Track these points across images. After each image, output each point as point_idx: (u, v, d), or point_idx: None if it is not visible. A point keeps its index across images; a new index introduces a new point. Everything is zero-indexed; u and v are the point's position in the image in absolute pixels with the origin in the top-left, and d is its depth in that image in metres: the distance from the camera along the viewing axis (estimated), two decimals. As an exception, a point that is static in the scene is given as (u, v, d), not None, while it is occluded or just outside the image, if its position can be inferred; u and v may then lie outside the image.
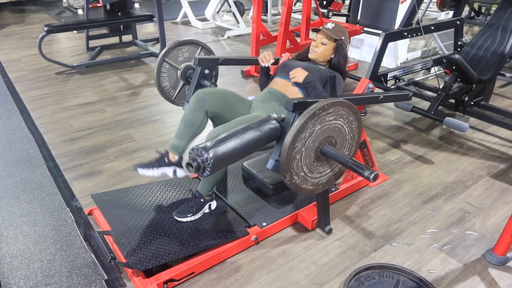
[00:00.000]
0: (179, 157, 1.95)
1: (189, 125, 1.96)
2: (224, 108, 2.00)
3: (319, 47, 2.16)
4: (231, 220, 2.00)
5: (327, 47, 2.15)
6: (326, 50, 2.16)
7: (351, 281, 1.68)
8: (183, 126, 1.97)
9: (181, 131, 1.97)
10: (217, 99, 1.99)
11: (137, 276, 1.68)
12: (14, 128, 3.06)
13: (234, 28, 5.96)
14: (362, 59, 4.74)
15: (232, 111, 2.02)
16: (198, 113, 1.96)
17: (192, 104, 1.98)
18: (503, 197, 2.30)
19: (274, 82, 2.15)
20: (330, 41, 2.14)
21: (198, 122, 1.96)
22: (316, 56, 2.17)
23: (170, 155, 1.93)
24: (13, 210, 2.16)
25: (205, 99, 1.96)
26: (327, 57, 2.18)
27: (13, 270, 1.77)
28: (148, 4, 7.93)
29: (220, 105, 1.99)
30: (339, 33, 2.15)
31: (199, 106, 1.96)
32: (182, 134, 1.96)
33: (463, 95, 2.87)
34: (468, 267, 1.82)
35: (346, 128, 1.67)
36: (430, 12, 6.50)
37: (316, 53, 2.17)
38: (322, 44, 2.15)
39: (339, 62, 2.16)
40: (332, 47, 2.16)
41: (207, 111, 1.97)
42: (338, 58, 2.16)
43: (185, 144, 1.96)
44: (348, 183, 2.31)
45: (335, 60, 2.17)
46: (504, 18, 2.91)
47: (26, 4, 7.87)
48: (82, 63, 4.40)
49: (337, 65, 2.16)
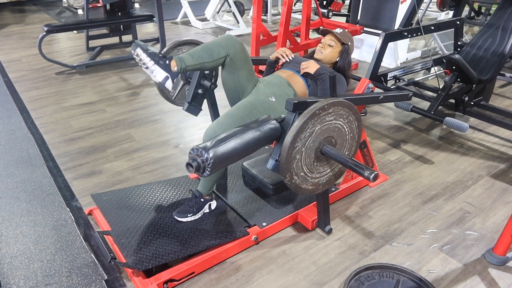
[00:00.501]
0: (178, 70, 1.82)
1: (206, 52, 1.86)
2: (242, 67, 1.94)
3: (326, 49, 2.20)
4: (231, 220, 2.00)
5: (334, 49, 2.20)
6: (332, 52, 2.20)
7: (351, 281, 1.68)
8: (200, 50, 1.87)
9: (196, 52, 1.86)
10: (243, 54, 1.92)
11: (137, 276, 1.68)
12: (14, 128, 3.06)
13: (234, 28, 5.96)
14: (362, 59, 4.74)
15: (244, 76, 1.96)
16: (221, 49, 1.87)
17: (221, 39, 1.90)
18: (503, 197, 2.30)
19: (281, 71, 2.16)
20: (338, 43, 2.20)
21: (216, 56, 1.87)
22: (322, 57, 2.21)
23: (172, 63, 1.81)
24: (13, 210, 2.16)
25: (235, 45, 1.89)
26: (333, 59, 2.22)
27: (13, 270, 1.77)
28: (148, 4, 7.93)
29: (242, 60, 1.93)
30: (346, 39, 2.21)
31: (226, 45, 1.88)
32: (194, 55, 1.85)
33: (463, 95, 2.86)
34: (468, 267, 1.82)
35: (346, 128, 1.67)
36: (430, 12, 6.50)
37: (322, 54, 2.21)
38: (329, 46, 2.20)
39: (344, 67, 2.21)
40: (339, 50, 2.21)
41: (228, 56, 1.89)
42: (343, 62, 2.21)
43: (191, 63, 1.83)
44: (348, 183, 2.31)
45: (340, 64, 2.21)
46: (504, 18, 2.91)
47: (26, 4, 7.87)
48: (82, 63, 4.40)
49: (341, 69, 2.21)
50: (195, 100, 2.16)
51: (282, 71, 2.16)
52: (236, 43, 1.90)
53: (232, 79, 1.96)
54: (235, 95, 1.99)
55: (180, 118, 3.25)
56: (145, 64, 1.78)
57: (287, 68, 2.17)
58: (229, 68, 1.94)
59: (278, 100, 1.95)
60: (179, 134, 3.01)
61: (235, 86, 1.97)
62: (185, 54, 1.85)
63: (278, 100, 1.95)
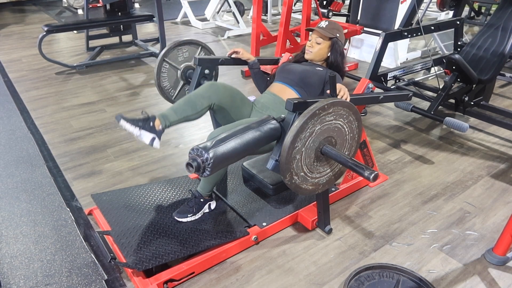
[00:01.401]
0: (163, 127, 1.86)
1: (189, 106, 1.91)
2: (230, 107, 2.00)
3: (314, 47, 2.15)
4: (231, 220, 2.00)
5: (322, 46, 2.14)
6: (321, 49, 2.14)
7: (351, 281, 1.68)
8: (183, 104, 1.91)
9: (179, 107, 1.91)
10: (228, 96, 1.98)
11: (137, 276, 1.68)
12: (14, 128, 3.06)
13: (234, 28, 5.96)
14: (362, 59, 4.74)
15: (236, 112, 2.03)
16: (204, 100, 1.92)
17: (202, 90, 1.94)
18: (503, 197, 2.30)
19: (273, 86, 2.15)
20: (325, 40, 2.13)
21: (199, 108, 1.91)
22: (312, 57, 2.16)
23: (156, 122, 1.84)
24: (13, 210, 2.16)
25: (218, 92, 1.94)
26: (323, 56, 2.17)
27: (13, 270, 1.77)
28: (148, 4, 7.93)
29: (228, 102, 1.99)
30: (333, 31, 2.13)
31: (208, 96, 1.93)
32: (177, 110, 1.90)
33: (463, 95, 2.87)
34: (468, 267, 1.82)
35: (346, 128, 1.67)
36: (430, 12, 6.50)
37: (311, 54, 2.16)
38: (317, 44, 2.14)
39: (336, 60, 2.15)
40: (328, 46, 2.14)
41: (213, 104, 1.95)
42: (334, 56, 2.15)
43: (175, 119, 1.88)
44: (348, 183, 2.31)
45: (332, 59, 2.15)
46: (504, 18, 2.91)
47: (26, 4, 7.88)
48: (82, 63, 4.40)
49: (334, 63, 2.15)
50: (195, 100, 2.16)
51: (275, 85, 2.14)
52: (219, 89, 1.95)
53: (225, 117, 2.03)
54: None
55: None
56: (131, 133, 1.82)
57: (278, 82, 2.15)
58: (219, 112, 2.02)
59: None
60: (179, 134, 3.01)
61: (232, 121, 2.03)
62: (169, 110, 1.90)
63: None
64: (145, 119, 1.83)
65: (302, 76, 2.08)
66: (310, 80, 2.06)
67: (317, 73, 2.07)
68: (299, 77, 2.08)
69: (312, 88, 2.06)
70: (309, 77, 2.07)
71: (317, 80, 2.05)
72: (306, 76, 2.08)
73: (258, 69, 2.31)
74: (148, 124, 1.83)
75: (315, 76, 2.06)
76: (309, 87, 2.06)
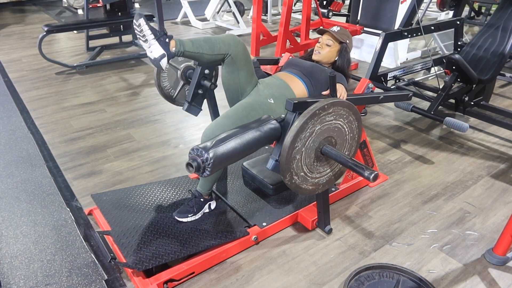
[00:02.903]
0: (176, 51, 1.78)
1: (208, 44, 1.83)
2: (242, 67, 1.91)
3: (324, 49, 2.17)
4: (231, 220, 2.00)
5: (331, 48, 2.16)
6: (330, 51, 2.17)
7: (351, 281, 1.68)
8: (203, 40, 1.83)
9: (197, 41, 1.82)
10: (245, 55, 1.90)
11: (137, 276, 1.68)
12: (14, 128, 3.06)
13: (234, 28, 5.96)
14: (362, 59, 4.74)
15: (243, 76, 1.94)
16: (223, 45, 1.84)
17: (225, 36, 1.87)
18: (503, 197, 2.30)
19: (280, 74, 2.14)
20: (336, 42, 2.16)
21: (216, 51, 1.84)
22: (320, 58, 2.18)
23: (172, 42, 1.76)
24: (13, 210, 2.16)
25: (237, 45, 1.86)
26: (331, 59, 2.19)
27: (13, 270, 1.77)
28: (148, 4, 7.93)
29: (242, 61, 1.90)
30: (344, 37, 2.18)
31: (229, 43, 1.85)
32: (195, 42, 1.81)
33: (463, 95, 2.87)
34: (468, 267, 1.82)
35: (346, 128, 1.67)
36: (430, 12, 6.49)
37: (320, 55, 2.17)
38: (327, 46, 2.17)
39: (343, 65, 2.18)
40: (337, 49, 2.18)
41: (228, 54, 1.86)
42: (342, 61, 2.18)
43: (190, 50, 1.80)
44: (348, 183, 2.31)
45: (338, 63, 2.18)
46: (504, 18, 2.91)
47: (26, 4, 7.87)
48: (82, 63, 4.40)
49: (340, 67, 2.18)
50: (195, 100, 2.16)
51: (282, 73, 2.14)
52: (239, 43, 1.88)
53: (232, 79, 1.94)
54: (235, 95, 1.98)
55: (180, 118, 3.25)
56: (144, 37, 1.73)
57: (287, 71, 2.14)
58: (229, 68, 1.91)
59: (276, 102, 1.94)
60: (179, 134, 3.01)
61: (235, 87, 1.95)
62: (186, 39, 1.81)
63: (277, 102, 1.94)
64: (162, 33, 1.75)
65: (310, 70, 2.09)
66: (318, 76, 2.07)
67: (325, 71, 2.08)
68: (307, 70, 2.10)
69: (319, 84, 2.06)
70: (317, 73, 2.08)
71: (324, 78, 2.06)
72: (314, 71, 2.09)
73: (258, 68, 2.31)
74: (164, 39, 1.75)
75: (323, 74, 2.07)
76: (316, 81, 2.07)
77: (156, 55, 1.74)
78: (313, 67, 2.11)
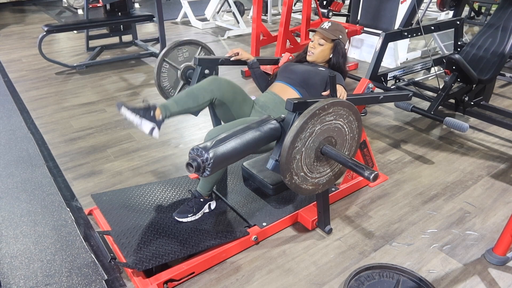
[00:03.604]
0: (163, 117, 1.85)
1: (191, 98, 1.90)
2: (232, 103, 1.99)
3: (317, 48, 2.14)
4: (231, 220, 2.00)
5: (324, 47, 2.14)
6: (323, 51, 2.14)
7: (351, 281, 1.68)
8: (185, 96, 1.91)
9: (180, 99, 1.90)
10: (230, 92, 1.97)
11: (137, 276, 1.68)
12: (14, 128, 3.06)
13: (234, 28, 5.96)
14: (362, 59, 4.74)
15: (237, 109, 2.01)
16: (206, 93, 1.91)
17: (205, 83, 1.93)
18: (503, 197, 2.30)
19: (274, 86, 2.15)
20: (327, 41, 2.13)
21: (201, 101, 1.91)
22: (314, 58, 2.16)
23: (157, 112, 1.83)
24: (13, 210, 2.16)
25: (220, 87, 1.93)
26: (326, 58, 2.17)
27: (13, 270, 1.77)
28: (148, 4, 7.93)
29: (230, 98, 1.97)
30: (336, 32, 2.12)
31: (211, 89, 1.92)
32: (179, 101, 1.89)
33: (463, 95, 2.87)
34: (468, 267, 1.82)
35: (346, 128, 1.67)
36: (430, 12, 6.49)
37: (314, 55, 2.15)
38: (319, 45, 2.14)
39: (338, 62, 2.15)
40: (330, 47, 2.14)
41: (215, 99, 1.94)
42: (337, 57, 2.15)
43: (176, 110, 1.88)
44: (348, 183, 2.31)
45: (334, 60, 2.15)
46: (504, 18, 2.91)
47: (26, 4, 7.88)
48: (82, 63, 4.40)
49: (336, 64, 2.15)
50: (195, 100, 2.16)
51: (277, 85, 2.13)
52: (221, 84, 1.94)
53: (226, 114, 2.02)
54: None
55: (180, 118, 3.25)
56: (131, 122, 1.81)
57: (281, 81, 2.14)
58: (220, 107, 2.01)
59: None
60: (179, 134, 3.01)
61: (232, 118, 2.03)
62: (170, 101, 1.89)
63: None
64: (146, 108, 1.82)
65: (304, 77, 2.08)
66: (312, 81, 2.06)
67: (320, 73, 2.07)
68: (301, 78, 2.08)
69: (314, 89, 2.06)
70: (312, 77, 2.07)
71: (320, 80, 2.05)
72: (308, 76, 2.07)
73: (258, 68, 2.31)
74: (148, 113, 1.82)
75: (317, 76, 2.06)
76: (311, 87, 2.06)
77: (147, 131, 1.83)
78: (306, 72, 2.09)
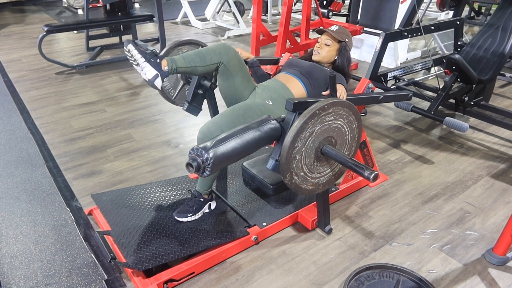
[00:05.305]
0: (168, 70, 1.80)
1: (199, 57, 1.87)
2: (237, 73, 1.94)
3: (323, 48, 2.18)
4: (231, 220, 2.00)
5: (331, 48, 2.17)
6: (329, 51, 2.18)
7: (351, 281, 1.68)
8: (193, 54, 1.87)
9: (188, 56, 1.87)
10: (237, 61, 1.93)
11: (137, 276, 1.68)
12: (14, 128, 3.06)
13: (234, 28, 5.96)
14: (362, 59, 4.74)
15: (239, 81, 1.96)
16: (214, 55, 1.88)
17: (215, 46, 1.91)
18: (503, 197, 2.30)
19: (278, 75, 2.15)
20: (334, 41, 2.17)
21: (208, 61, 1.87)
22: (319, 58, 2.19)
23: (163, 62, 1.79)
24: (13, 210, 2.16)
25: (229, 52, 1.90)
26: (331, 59, 2.20)
27: (13, 270, 1.77)
28: (148, 4, 7.93)
29: (236, 67, 1.93)
30: (343, 35, 2.18)
31: (219, 52, 1.89)
32: (186, 58, 1.85)
33: (463, 95, 2.87)
34: (468, 267, 1.82)
35: (346, 128, 1.67)
36: (430, 12, 6.49)
37: (319, 55, 2.18)
38: (326, 45, 2.17)
39: (343, 64, 2.19)
40: (336, 49, 2.18)
41: (221, 63, 1.89)
42: (341, 60, 2.18)
43: (183, 66, 1.83)
44: (348, 183, 2.31)
45: (338, 62, 2.19)
46: (504, 18, 2.91)
47: (26, 4, 7.87)
48: (82, 63, 4.40)
49: (340, 66, 2.19)
50: (195, 100, 2.16)
51: (280, 75, 2.14)
52: (229, 50, 1.91)
53: (228, 86, 1.97)
54: (233, 101, 2.00)
55: (180, 118, 3.25)
56: (136, 61, 1.76)
57: (285, 72, 2.15)
58: (224, 75, 1.95)
59: (275, 103, 1.95)
60: (179, 134, 3.01)
61: (232, 93, 1.98)
62: (178, 56, 1.85)
63: (275, 103, 1.95)
64: (153, 54, 1.77)
65: (309, 70, 2.10)
66: (316, 75, 2.08)
67: (324, 71, 2.09)
68: (306, 70, 2.10)
69: (317, 83, 2.07)
70: (316, 72, 2.09)
71: (323, 77, 2.07)
72: (313, 70, 2.09)
73: (258, 67, 2.31)
74: (155, 59, 1.77)
75: (321, 73, 2.08)
76: (314, 81, 2.07)
77: (149, 76, 1.77)
78: (311, 66, 2.11)
